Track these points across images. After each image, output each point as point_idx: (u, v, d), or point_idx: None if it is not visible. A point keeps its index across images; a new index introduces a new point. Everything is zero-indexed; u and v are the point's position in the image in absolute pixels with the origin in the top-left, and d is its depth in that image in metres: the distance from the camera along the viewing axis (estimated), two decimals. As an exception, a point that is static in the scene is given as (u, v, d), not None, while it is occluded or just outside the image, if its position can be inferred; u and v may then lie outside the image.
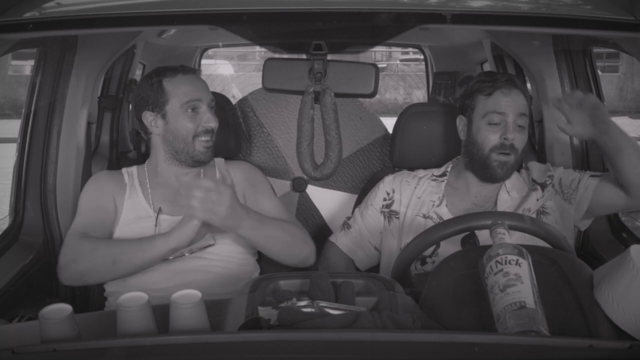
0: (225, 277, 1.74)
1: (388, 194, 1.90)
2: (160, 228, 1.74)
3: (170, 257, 1.67)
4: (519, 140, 1.75)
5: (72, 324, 0.97)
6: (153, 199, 1.80)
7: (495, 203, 1.81)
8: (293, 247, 1.73)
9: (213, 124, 1.78)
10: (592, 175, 1.76)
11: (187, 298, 1.00)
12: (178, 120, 1.75)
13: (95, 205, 1.79)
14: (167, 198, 1.79)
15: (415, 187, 1.89)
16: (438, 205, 1.83)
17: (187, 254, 1.70)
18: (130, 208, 1.79)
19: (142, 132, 1.85)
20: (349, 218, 1.96)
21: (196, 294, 1.01)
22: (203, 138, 1.77)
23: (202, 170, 1.86)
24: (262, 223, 1.65)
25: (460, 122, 1.85)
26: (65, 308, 0.97)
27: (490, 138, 1.75)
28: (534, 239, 1.46)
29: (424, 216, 1.83)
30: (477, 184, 1.82)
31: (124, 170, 1.88)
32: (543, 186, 1.81)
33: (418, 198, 1.86)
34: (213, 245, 1.74)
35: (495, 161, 1.75)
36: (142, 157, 2.66)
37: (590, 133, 1.56)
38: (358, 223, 1.92)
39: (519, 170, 1.85)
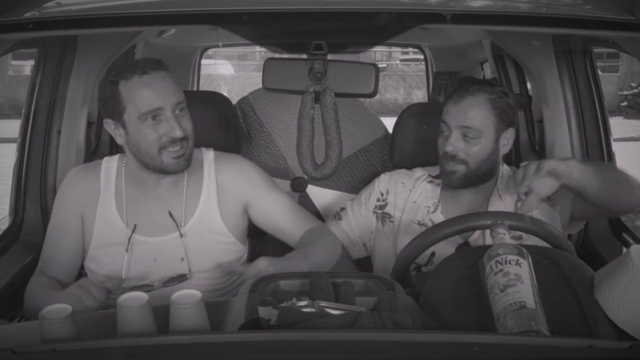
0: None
1: (382, 195, 1.88)
2: (132, 253, 1.59)
3: (138, 285, 1.56)
4: (467, 151, 1.68)
5: (72, 324, 0.97)
6: (127, 212, 1.63)
7: (487, 209, 1.77)
8: (334, 256, 1.65)
9: (178, 132, 1.52)
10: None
11: (187, 298, 1.00)
12: (138, 132, 1.52)
13: (62, 227, 1.65)
14: (144, 213, 1.63)
15: (410, 190, 1.85)
16: (433, 212, 1.80)
17: (156, 284, 1.59)
18: (102, 226, 1.63)
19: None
20: (342, 209, 1.94)
21: (196, 294, 1.01)
22: (171, 149, 1.54)
23: (185, 174, 1.65)
24: (308, 261, 1.48)
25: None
26: (65, 308, 0.97)
27: (440, 146, 1.73)
28: (533, 239, 1.46)
29: (419, 223, 1.81)
30: (466, 190, 1.77)
31: (103, 163, 1.69)
32: None
33: (413, 203, 1.83)
34: (187, 278, 1.61)
35: (445, 169, 1.72)
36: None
37: (554, 187, 1.53)
38: (349, 218, 1.90)
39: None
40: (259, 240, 1.93)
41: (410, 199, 1.84)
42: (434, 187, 1.84)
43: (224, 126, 2.07)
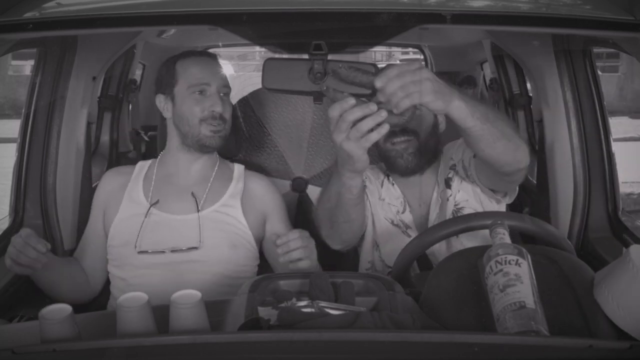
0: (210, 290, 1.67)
1: (366, 179, 1.81)
2: (148, 220, 1.70)
3: (149, 251, 1.67)
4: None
5: (72, 324, 0.97)
6: (153, 191, 1.76)
7: (429, 205, 1.74)
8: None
9: (219, 108, 1.71)
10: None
11: (186, 298, 1.00)
12: (185, 102, 1.71)
13: (92, 222, 1.82)
14: (169, 193, 1.76)
15: (378, 186, 1.81)
16: (402, 212, 1.78)
17: (167, 252, 1.68)
18: (127, 205, 1.76)
19: (160, 118, 1.83)
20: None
21: (196, 294, 1.01)
22: (211, 122, 1.71)
23: (216, 167, 1.81)
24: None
25: None
26: (65, 308, 0.98)
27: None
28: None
29: (392, 223, 1.78)
30: (405, 182, 1.74)
31: (140, 163, 1.86)
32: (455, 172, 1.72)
33: (382, 200, 1.80)
34: (197, 248, 1.69)
35: (395, 150, 1.67)
36: (142, 157, 2.66)
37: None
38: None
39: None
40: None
41: (380, 195, 1.80)
42: (393, 186, 1.80)
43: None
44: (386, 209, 1.79)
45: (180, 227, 1.72)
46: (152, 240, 1.70)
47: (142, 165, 1.85)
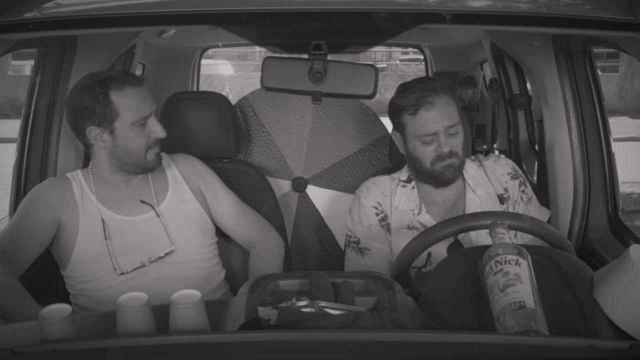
0: (194, 280, 1.74)
1: (377, 207, 1.85)
2: (112, 226, 1.71)
3: (128, 270, 1.69)
4: (454, 144, 1.75)
5: (71, 324, 0.97)
6: (105, 201, 1.75)
7: (465, 205, 1.82)
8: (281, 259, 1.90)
9: (161, 133, 1.72)
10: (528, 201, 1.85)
11: (186, 298, 1.00)
12: (128, 136, 1.68)
13: (29, 219, 1.69)
14: (120, 201, 1.76)
15: (391, 197, 1.86)
16: (419, 214, 1.82)
17: (147, 264, 1.71)
18: (85, 217, 1.72)
19: (78, 141, 1.75)
20: (356, 243, 1.87)
21: (196, 294, 1.01)
22: (154, 148, 1.73)
23: (149, 173, 1.80)
24: None
25: (395, 137, 1.85)
26: (65, 308, 0.97)
27: (427, 152, 1.75)
28: (534, 239, 1.46)
29: (409, 227, 1.81)
30: (438, 190, 1.82)
31: (68, 175, 1.79)
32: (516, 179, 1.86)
33: (396, 209, 1.84)
34: (173, 251, 1.74)
35: (440, 168, 1.75)
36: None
37: None
38: (371, 240, 1.85)
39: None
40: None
41: (393, 205, 1.85)
42: (410, 190, 1.85)
43: (223, 126, 2.07)
44: (400, 217, 1.83)
45: (146, 228, 1.75)
46: (124, 246, 1.71)
47: (76, 178, 1.78)
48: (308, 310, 1.06)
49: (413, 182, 1.86)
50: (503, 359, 0.94)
